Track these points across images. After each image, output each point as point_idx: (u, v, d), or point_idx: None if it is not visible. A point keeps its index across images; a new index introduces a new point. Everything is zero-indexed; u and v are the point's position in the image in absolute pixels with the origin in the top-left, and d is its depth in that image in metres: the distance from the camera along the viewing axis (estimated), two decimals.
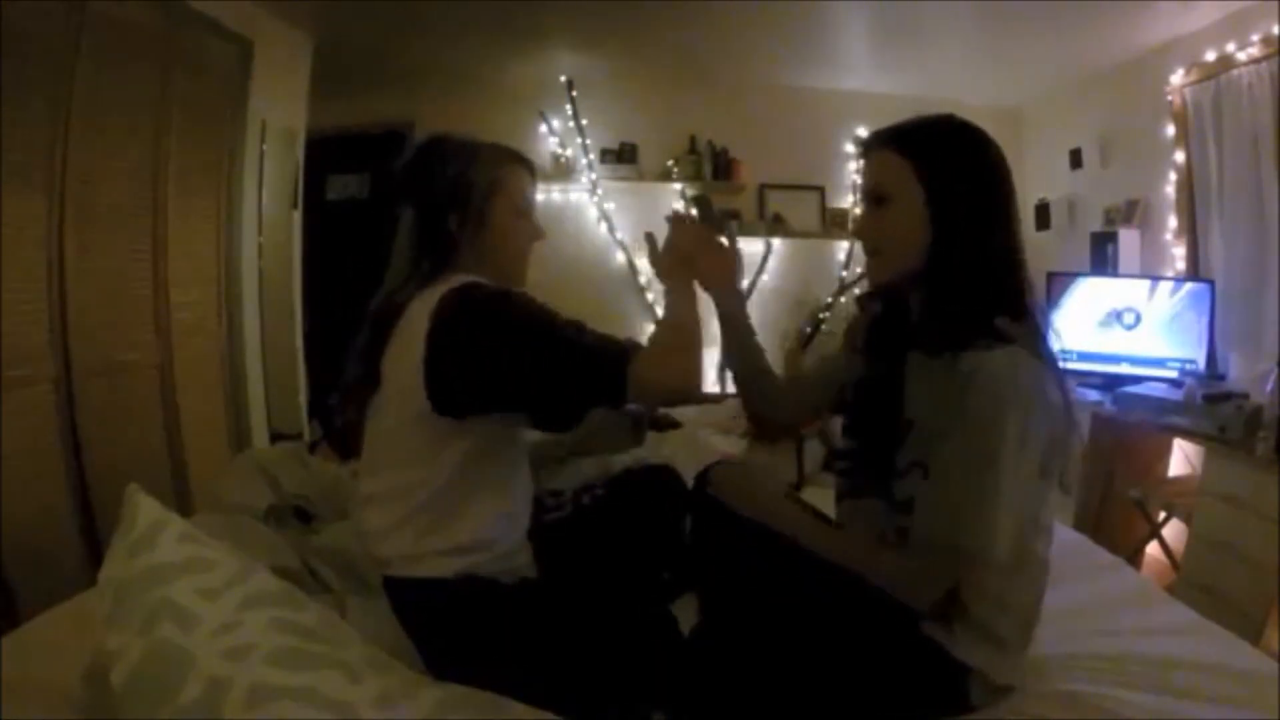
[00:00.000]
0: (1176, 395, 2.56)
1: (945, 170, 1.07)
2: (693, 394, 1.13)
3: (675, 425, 2.43)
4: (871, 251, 1.15)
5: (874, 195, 1.12)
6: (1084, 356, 3.06)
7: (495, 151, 1.27)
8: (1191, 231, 2.95)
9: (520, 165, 1.30)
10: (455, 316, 1.09)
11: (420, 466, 1.14)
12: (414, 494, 1.14)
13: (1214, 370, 2.74)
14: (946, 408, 1.01)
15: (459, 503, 1.15)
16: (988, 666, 1.07)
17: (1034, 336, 1.04)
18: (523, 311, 1.11)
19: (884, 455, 1.11)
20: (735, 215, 4.09)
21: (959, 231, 1.06)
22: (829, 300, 4.15)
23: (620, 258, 4.14)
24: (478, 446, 1.14)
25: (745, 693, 1.06)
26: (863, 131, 3.76)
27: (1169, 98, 3.00)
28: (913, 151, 1.08)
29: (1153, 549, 2.77)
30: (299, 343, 3.50)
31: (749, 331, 1.40)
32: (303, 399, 3.49)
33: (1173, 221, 3.04)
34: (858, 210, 1.22)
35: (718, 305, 1.39)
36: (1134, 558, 2.67)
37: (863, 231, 1.16)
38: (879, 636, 1.07)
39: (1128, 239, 3.21)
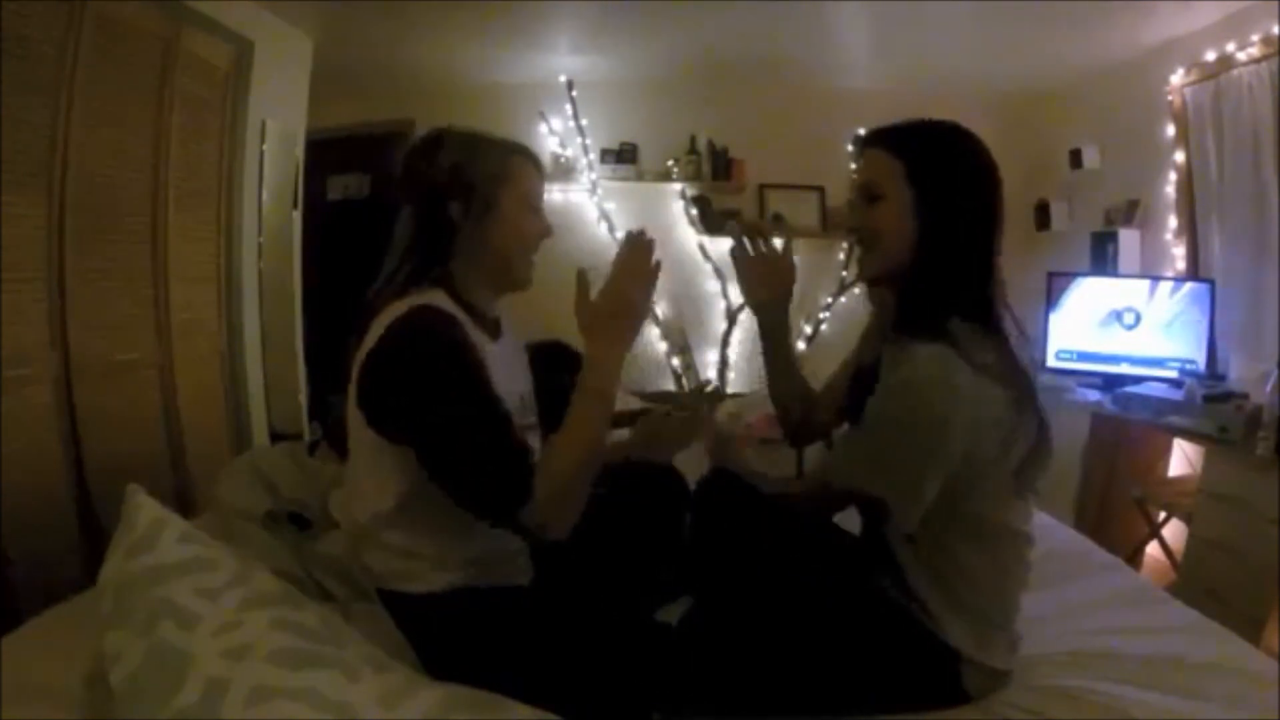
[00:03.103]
0: (1176, 395, 2.55)
1: (936, 173, 1.10)
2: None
3: None
4: (863, 246, 1.18)
5: (866, 192, 1.15)
6: (1084, 356, 3.06)
7: (503, 143, 1.23)
8: (1191, 231, 2.95)
9: (528, 158, 1.25)
10: (394, 347, 1.04)
11: (391, 477, 1.10)
12: (389, 506, 1.10)
13: (1214, 370, 2.74)
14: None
15: (438, 516, 1.10)
16: (979, 650, 1.08)
17: (983, 342, 1.05)
18: (452, 387, 1.02)
19: None
20: (735, 215, 4.09)
21: (945, 233, 1.09)
22: (829, 300, 4.15)
23: None
24: None
25: (742, 687, 1.07)
26: (862, 131, 3.76)
27: (1169, 98, 3.00)
28: (906, 153, 1.11)
29: (1153, 549, 2.77)
30: (299, 343, 3.50)
31: (789, 357, 1.48)
32: (303, 399, 3.49)
33: (1173, 221, 3.04)
34: (853, 204, 1.30)
35: (760, 324, 1.47)
36: (1134, 558, 2.68)
37: (855, 226, 1.18)
38: (874, 628, 1.08)
39: (1128, 239, 3.21)
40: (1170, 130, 3.02)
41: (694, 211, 4.07)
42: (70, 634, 1.08)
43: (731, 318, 4.16)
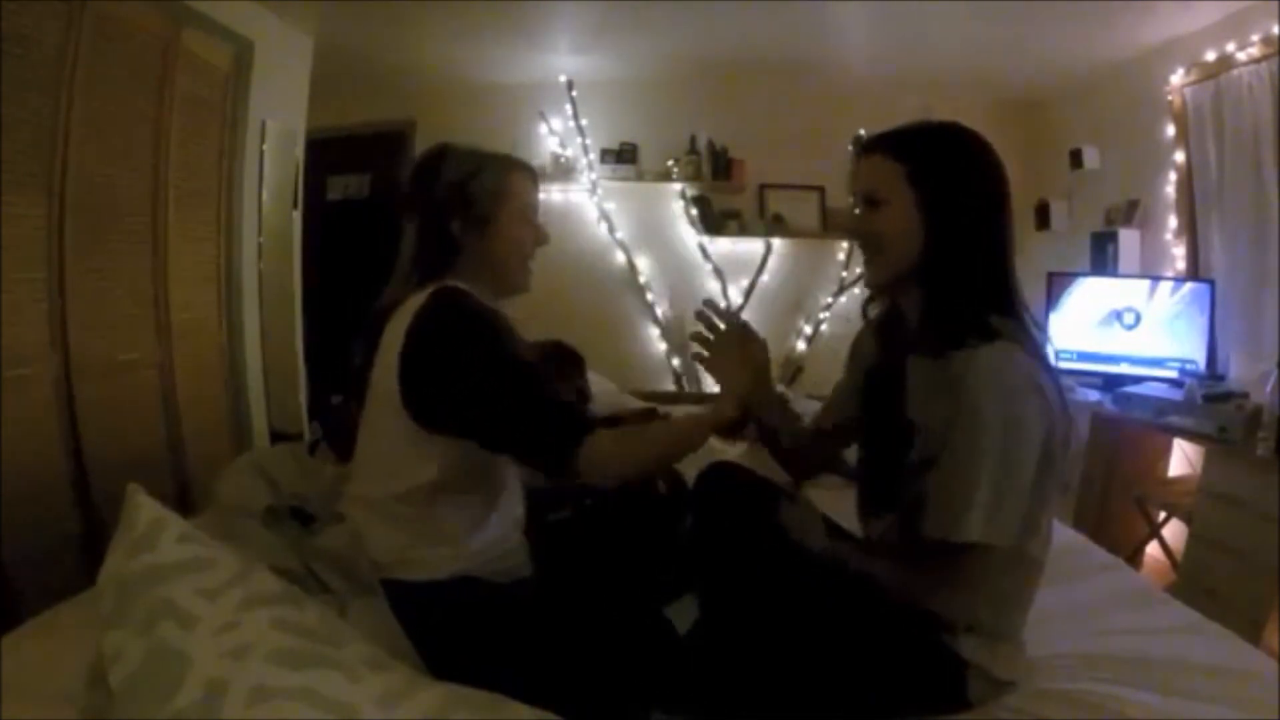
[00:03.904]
0: (1176, 395, 2.56)
1: (938, 174, 1.08)
2: (647, 476, 1.17)
3: None
4: (868, 253, 1.16)
5: (867, 198, 1.13)
6: (1084, 356, 3.06)
7: (501, 159, 1.28)
8: (1191, 231, 2.95)
9: (525, 173, 1.31)
10: (430, 327, 1.10)
11: (405, 469, 1.14)
12: (400, 497, 1.14)
13: (1214, 370, 2.74)
14: (944, 407, 1.02)
15: (447, 506, 1.15)
16: (986, 661, 1.07)
17: (1025, 333, 1.05)
18: (496, 347, 1.10)
19: (894, 459, 1.11)
20: (735, 215, 4.10)
21: (952, 234, 1.07)
22: (829, 300, 4.15)
23: (620, 258, 4.14)
24: (463, 450, 1.13)
25: (744, 691, 1.06)
26: (863, 132, 3.76)
27: (1169, 98, 3.00)
28: (906, 156, 1.09)
29: (1153, 549, 2.77)
30: (299, 343, 3.50)
31: (792, 428, 1.39)
32: (303, 399, 3.50)
33: (1173, 221, 3.04)
34: (856, 210, 1.23)
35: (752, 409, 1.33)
36: (1134, 558, 2.68)
37: (858, 233, 1.16)
38: (877, 633, 1.07)
39: (1128, 239, 3.21)
40: (1170, 130, 3.02)
41: (694, 211, 4.08)
42: (70, 634, 1.08)
43: None
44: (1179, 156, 2.98)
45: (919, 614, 1.07)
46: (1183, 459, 2.88)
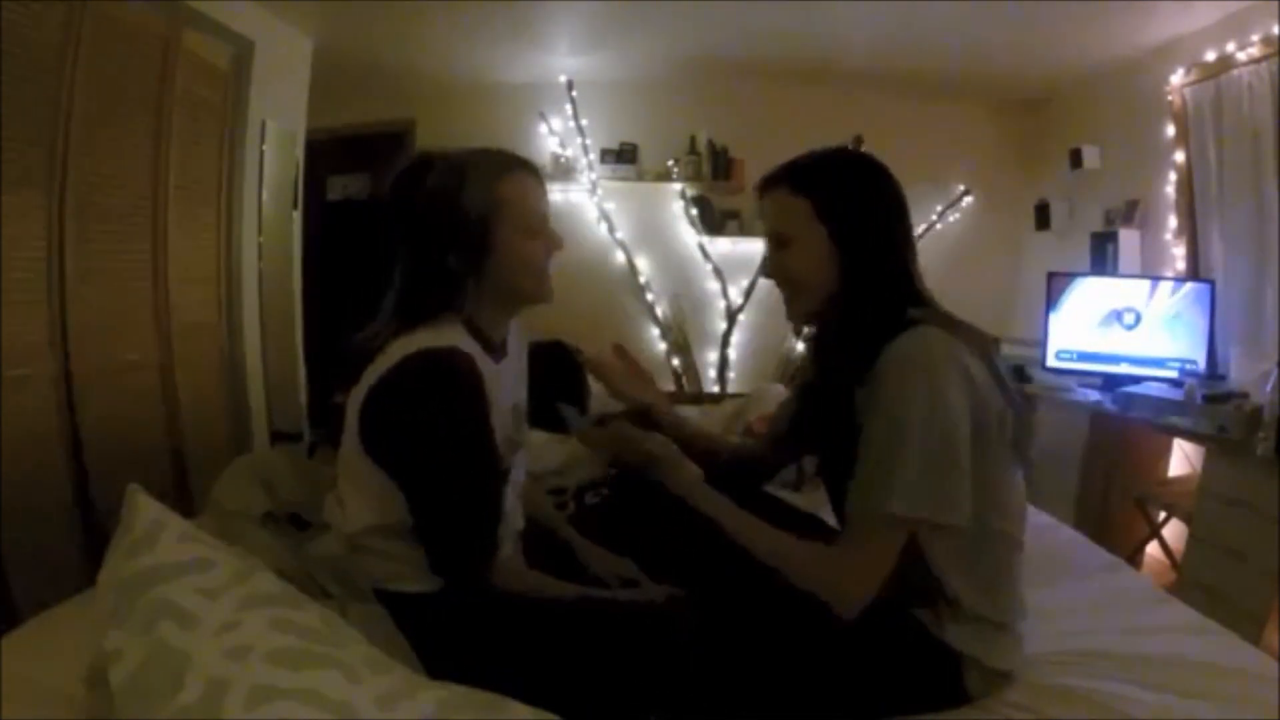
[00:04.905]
0: (1176, 395, 2.56)
1: (844, 204, 1.10)
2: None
3: None
4: (786, 291, 1.18)
5: (776, 238, 1.15)
6: (1084, 356, 3.06)
7: (490, 164, 1.13)
8: (1191, 231, 2.95)
9: (523, 172, 1.15)
10: (400, 391, 1.06)
11: (380, 498, 1.12)
12: (374, 523, 1.13)
13: (1214, 370, 2.74)
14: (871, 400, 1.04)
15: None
16: (980, 651, 1.08)
17: (943, 318, 1.07)
18: (450, 449, 1.06)
19: (842, 464, 1.12)
20: (735, 215, 4.10)
21: (866, 260, 1.09)
22: None
23: (620, 258, 4.14)
24: None
25: (742, 690, 1.06)
26: (863, 135, 3.75)
27: (1169, 98, 3.00)
28: (810, 190, 1.11)
29: (1153, 549, 2.77)
30: (299, 343, 3.50)
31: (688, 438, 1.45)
32: (303, 399, 3.50)
33: (1173, 221, 3.04)
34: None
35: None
36: (1134, 558, 2.68)
37: (773, 274, 1.18)
38: (874, 629, 1.08)
39: (1128, 239, 3.21)
40: (1170, 130, 3.02)
41: (694, 211, 4.08)
42: (70, 634, 1.08)
43: (731, 318, 4.16)
44: (1179, 156, 2.98)
45: (910, 609, 1.08)
46: (1183, 459, 2.88)
